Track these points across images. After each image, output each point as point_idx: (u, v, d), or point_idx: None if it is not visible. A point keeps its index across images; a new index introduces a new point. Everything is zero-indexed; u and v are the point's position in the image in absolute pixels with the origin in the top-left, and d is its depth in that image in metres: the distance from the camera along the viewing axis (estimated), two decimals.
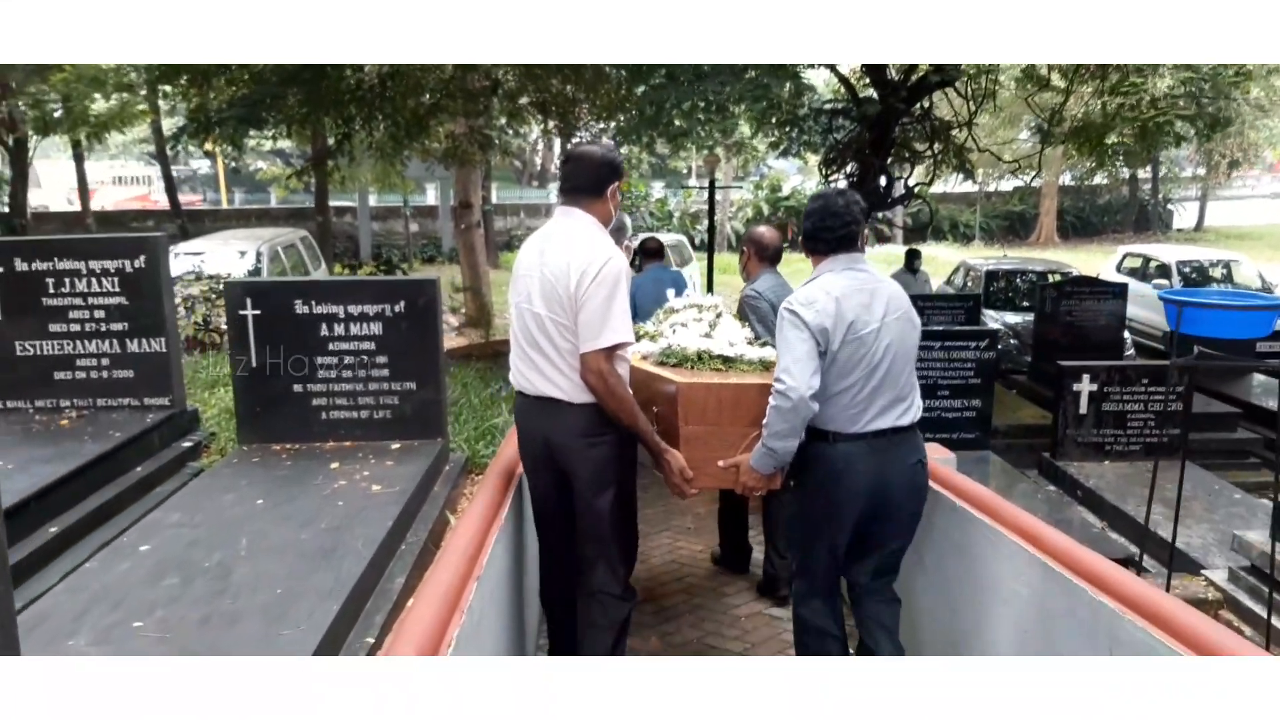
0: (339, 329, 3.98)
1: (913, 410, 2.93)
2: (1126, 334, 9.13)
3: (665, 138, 12.91)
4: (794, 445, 2.84)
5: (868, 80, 10.53)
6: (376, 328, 3.96)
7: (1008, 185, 32.79)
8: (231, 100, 8.89)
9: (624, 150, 15.76)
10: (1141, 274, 13.76)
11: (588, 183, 2.95)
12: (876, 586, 3.06)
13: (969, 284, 12.62)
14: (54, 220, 25.66)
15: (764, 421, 2.84)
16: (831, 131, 10.95)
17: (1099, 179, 34.24)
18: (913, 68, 9.71)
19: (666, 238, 15.06)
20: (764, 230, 4.41)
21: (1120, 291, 8.67)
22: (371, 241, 28.50)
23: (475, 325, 15.73)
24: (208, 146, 10.87)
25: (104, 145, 20.69)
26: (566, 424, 2.88)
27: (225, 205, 37.04)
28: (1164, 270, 13.41)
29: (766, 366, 3.15)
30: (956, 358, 5.62)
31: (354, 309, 3.95)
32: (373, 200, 28.94)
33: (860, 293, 2.86)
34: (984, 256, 15.13)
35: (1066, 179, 33.94)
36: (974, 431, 5.77)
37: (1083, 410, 5.70)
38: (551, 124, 13.07)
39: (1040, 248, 30.26)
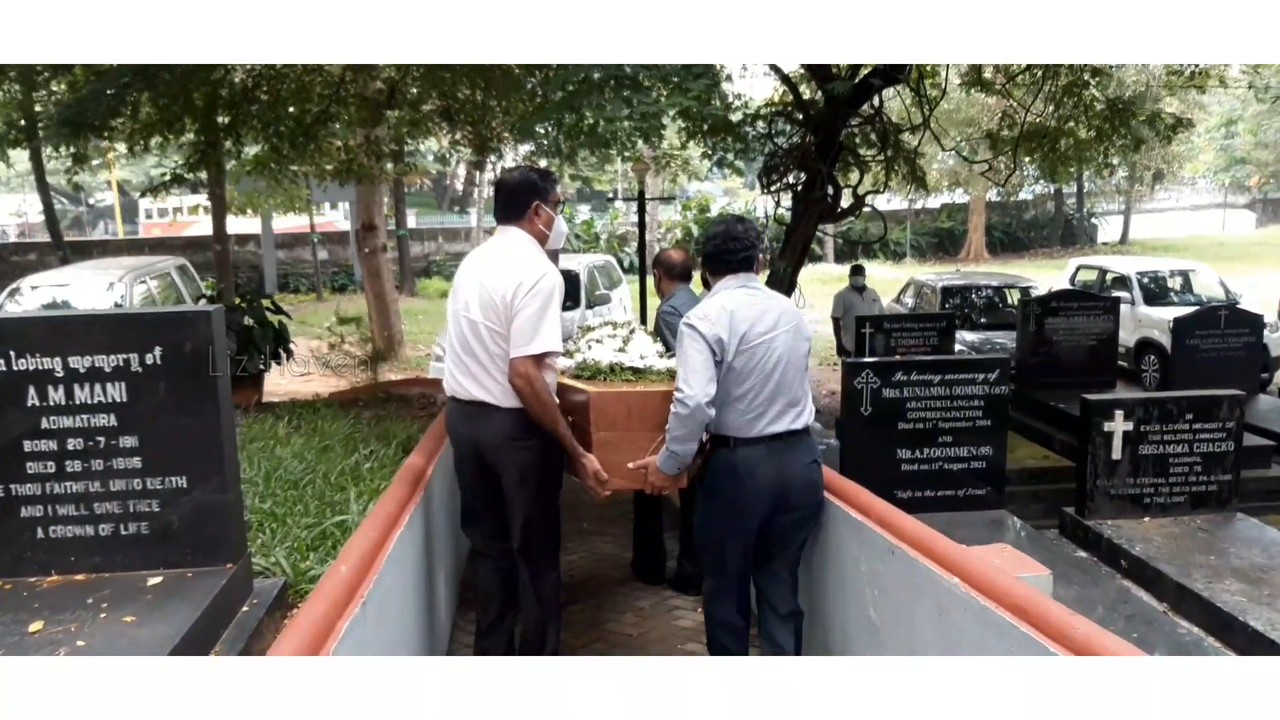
0: (56, 395, 2.39)
1: (805, 415, 3.20)
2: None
3: (587, 148, 11.68)
4: (693, 447, 3.09)
5: (811, 79, 9.43)
6: (118, 390, 2.39)
7: (936, 202, 32.58)
8: (60, 102, 7.32)
9: (543, 164, 14.50)
10: (1098, 287, 12.95)
11: (511, 207, 3.24)
12: (779, 596, 3.28)
13: (920, 303, 11.60)
14: None
15: (666, 427, 3.07)
16: (771, 137, 9.79)
17: (1035, 189, 34.44)
18: (858, 66, 8.65)
19: (592, 259, 13.79)
20: (670, 252, 4.69)
21: (1112, 306, 7.67)
22: (277, 270, 26.67)
23: (384, 359, 14.25)
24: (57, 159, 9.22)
25: None
26: (495, 427, 3.11)
27: (122, 235, 34.75)
28: (1122, 282, 12.60)
29: (673, 376, 3.28)
30: (960, 394, 4.43)
31: (80, 362, 2.38)
32: (278, 226, 27.12)
33: (752, 307, 3.13)
34: (934, 272, 14.20)
35: (993, 195, 33.94)
36: (984, 486, 4.57)
37: (1115, 455, 4.55)
38: (459, 135, 11.67)
39: (971, 263, 29.85)
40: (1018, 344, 7.78)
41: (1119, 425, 4.52)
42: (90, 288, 10.49)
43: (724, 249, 3.23)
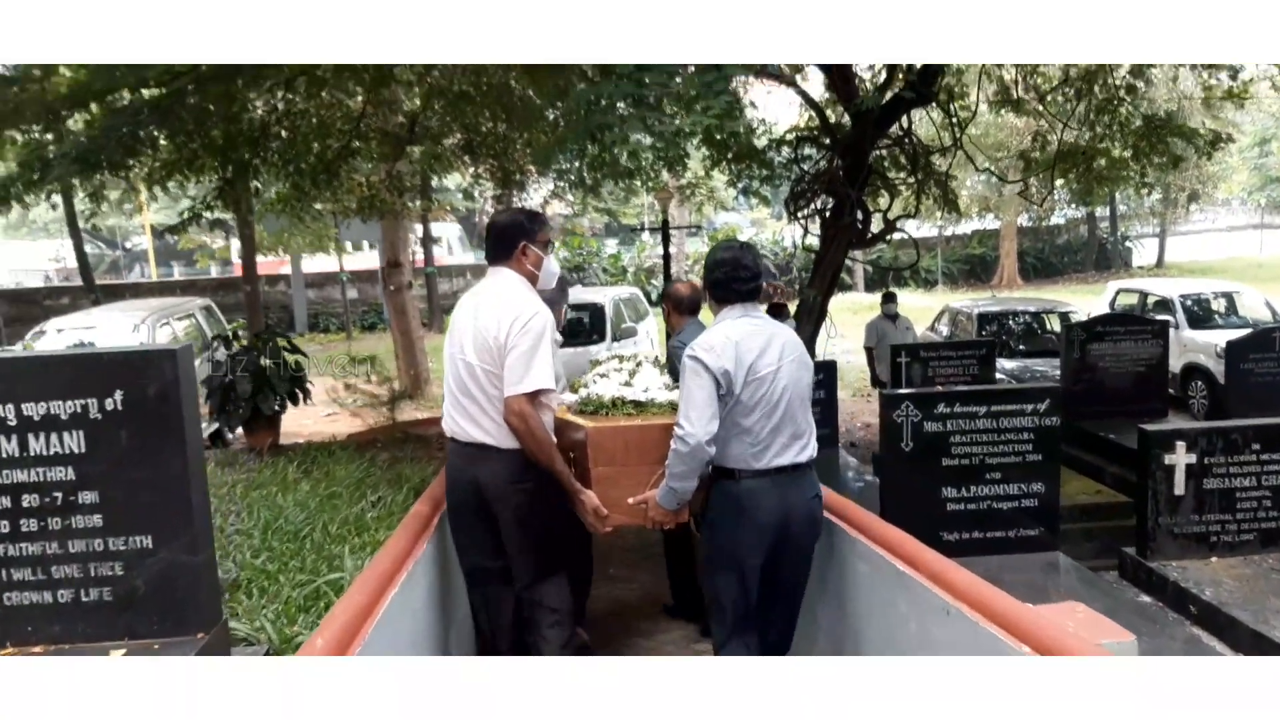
0: (9, 446, 2.16)
1: (810, 448, 3.12)
2: None
3: (611, 178, 11.51)
4: (694, 484, 3.02)
5: (837, 100, 9.22)
6: (76, 440, 2.15)
7: (966, 228, 32.13)
8: (75, 142, 7.25)
9: (569, 196, 14.35)
10: (1139, 311, 12.52)
11: (500, 247, 3.28)
12: (775, 635, 3.20)
13: (955, 330, 11.26)
14: None
15: (666, 462, 3.00)
16: (798, 162, 9.56)
17: (1067, 213, 33.93)
18: (886, 85, 8.42)
19: (618, 291, 13.60)
20: (679, 285, 4.70)
21: (1161, 330, 7.31)
22: (307, 310, 26.78)
23: (410, 398, 14.10)
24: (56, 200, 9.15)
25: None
26: (494, 468, 3.11)
27: (155, 278, 35.20)
28: (1164, 305, 12.18)
29: (674, 408, 3.22)
30: (1008, 427, 4.12)
31: (35, 409, 2.14)
32: (309, 266, 27.27)
33: (757, 337, 3.05)
34: (970, 298, 13.86)
35: (1024, 220, 33.44)
36: (1037, 526, 4.24)
37: (1178, 490, 4.21)
38: (482, 168, 11.56)
39: (1004, 289, 29.34)
40: (1062, 372, 7.41)
41: (1181, 458, 4.19)
42: (116, 329, 10.44)
43: (733, 277, 3.14)
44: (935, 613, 2.65)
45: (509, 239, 3.26)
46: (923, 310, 21.95)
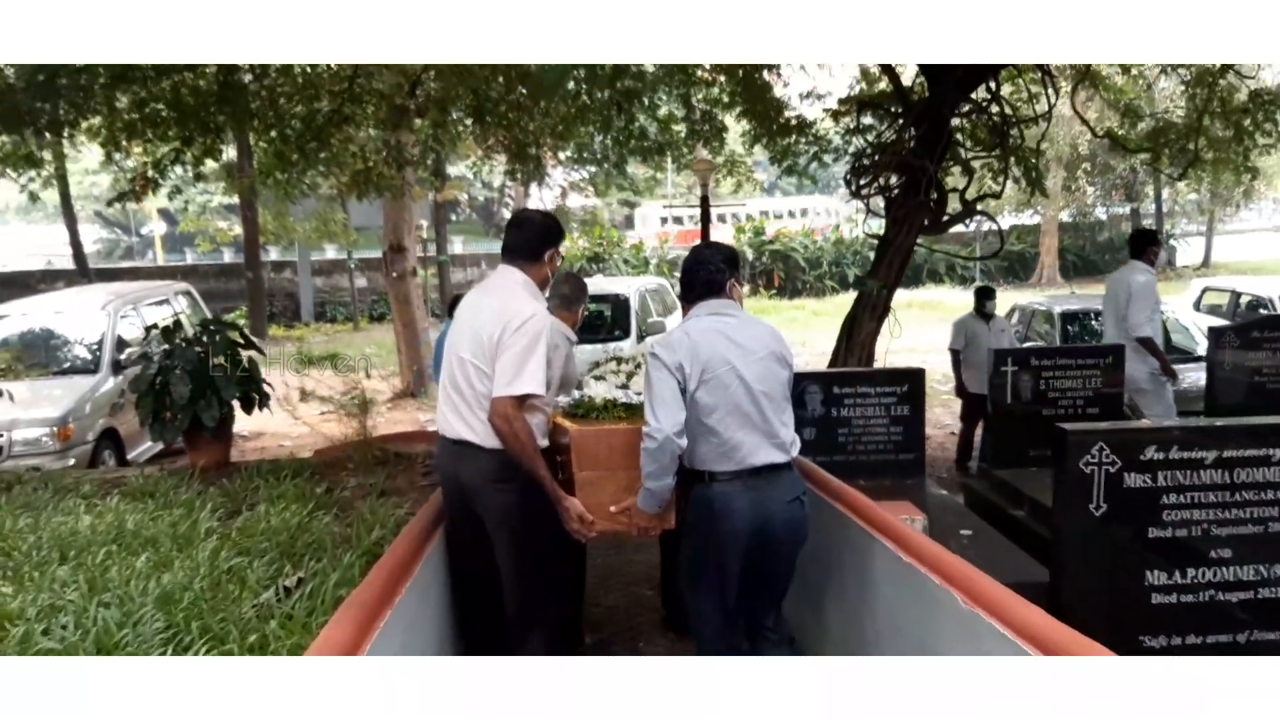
0: None
1: (787, 448, 3.02)
2: None
3: (639, 155, 10.19)
4: (670, 482, 2.96)
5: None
6: None
7: (1004, 223, 30.68)
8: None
9: (590, 171, 13.07)
10: (1230, 311, 11.14)
11: (527, 246, 3.24)
12: (769, 627, 3.15)
13: (1028, 331, 9.91)
14: None
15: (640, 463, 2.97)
16: (860, 131, 8.20)
17: (1110, 209, 32.40)
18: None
19: (644, 282, 12.32)
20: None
21: None
22: (314, 299, 25.62)
23: (413, 396, 12.86)
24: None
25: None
26: (477, 466, 3.08)
27: (161, 263, 34.24)
28: (1261, 306, 10.78)
29: None
30: (1248, 483, 2.78)
31: None
32: (319, 252, 26.15)
33: (719, 334, 3.00)
34: (1045, 296, 12.50)
35: (1065, 215, 31.96)
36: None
37: None
38: (492, 140, 10.26)
39: (1042, 289, 27.86)
40: (1208, 390, 6.06)
41: None
42: (84, 314, 9.28)
43: (690, 273, 3.19)
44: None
45: (541, 242, 3.25)
46: (961, 308, 20.53)
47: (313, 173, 9.33)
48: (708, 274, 3.12)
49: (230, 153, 15.65)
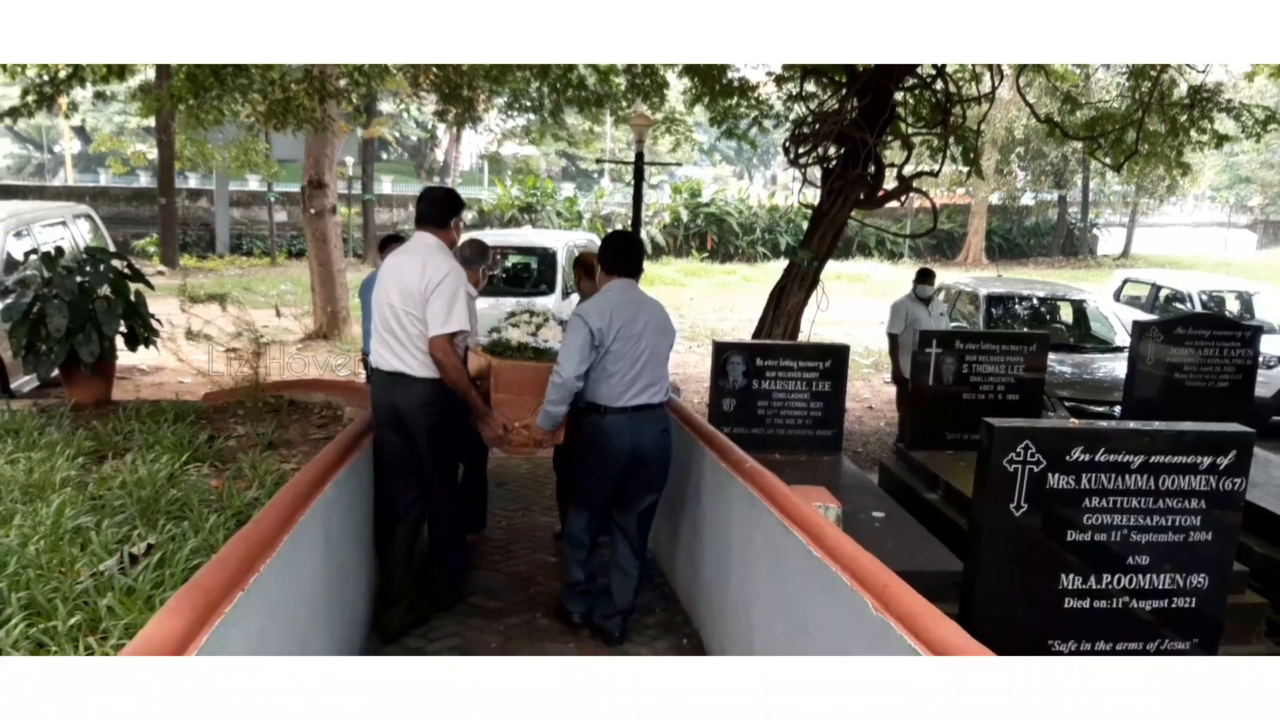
0: None
1: (661, 393, 3.95)
2: None
3: (576, 104, 9.83)
4: (564, 409, 3.87)
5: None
6: None
7: (938, 202, 30.99)
8: None
9: (524, 119, 12.65)
10: (1149, 305, 11.33)
11: (436, 215, 3.94)
12: (632, 534, 4.05)
13: (953, 312, 9.89)
14: None
15: (545, 392, 3.88)
16: (802, 98, 7.99)
17: (1038, 195, 33.01)
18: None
19: (573, 236, 12.00)
20: (591, 257, 4.72)
21: (1250, 338, 5.95)
22: (230, 230, 24.60)
23: (325, 337, 12.38)
24: None
25: None
26: (410, 393, 3.75)
27: (71, 183, 32.53)
28: (1179, 300, 10.97)
29: None
30: (1171, 490, 2.68)
31: None
32: (236, 185, 25.06)
33: (629, 305, 3.88)
34: (971, 276, 12.54)
35: (994, 198, 32.44)
36: (1188, 637, 2.84)
37: None
38: (422, 78, 9.79)
39: (968, 268, 28.27)
40: (1127, 384, 6.05)
41: None
42: None
43: (629, 257, 4.02)
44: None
45: (445, 211, 3.93)
46: (890, 285, 20.74)
47: (229, 99, 8.77)
48: (637, 263, 4.03)
49: (151, 74, 14.78)
